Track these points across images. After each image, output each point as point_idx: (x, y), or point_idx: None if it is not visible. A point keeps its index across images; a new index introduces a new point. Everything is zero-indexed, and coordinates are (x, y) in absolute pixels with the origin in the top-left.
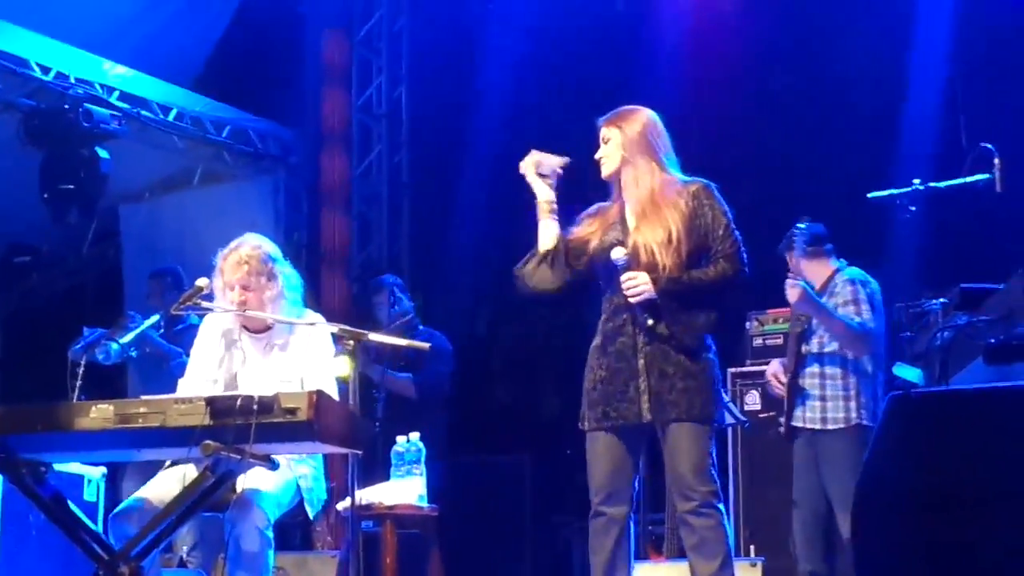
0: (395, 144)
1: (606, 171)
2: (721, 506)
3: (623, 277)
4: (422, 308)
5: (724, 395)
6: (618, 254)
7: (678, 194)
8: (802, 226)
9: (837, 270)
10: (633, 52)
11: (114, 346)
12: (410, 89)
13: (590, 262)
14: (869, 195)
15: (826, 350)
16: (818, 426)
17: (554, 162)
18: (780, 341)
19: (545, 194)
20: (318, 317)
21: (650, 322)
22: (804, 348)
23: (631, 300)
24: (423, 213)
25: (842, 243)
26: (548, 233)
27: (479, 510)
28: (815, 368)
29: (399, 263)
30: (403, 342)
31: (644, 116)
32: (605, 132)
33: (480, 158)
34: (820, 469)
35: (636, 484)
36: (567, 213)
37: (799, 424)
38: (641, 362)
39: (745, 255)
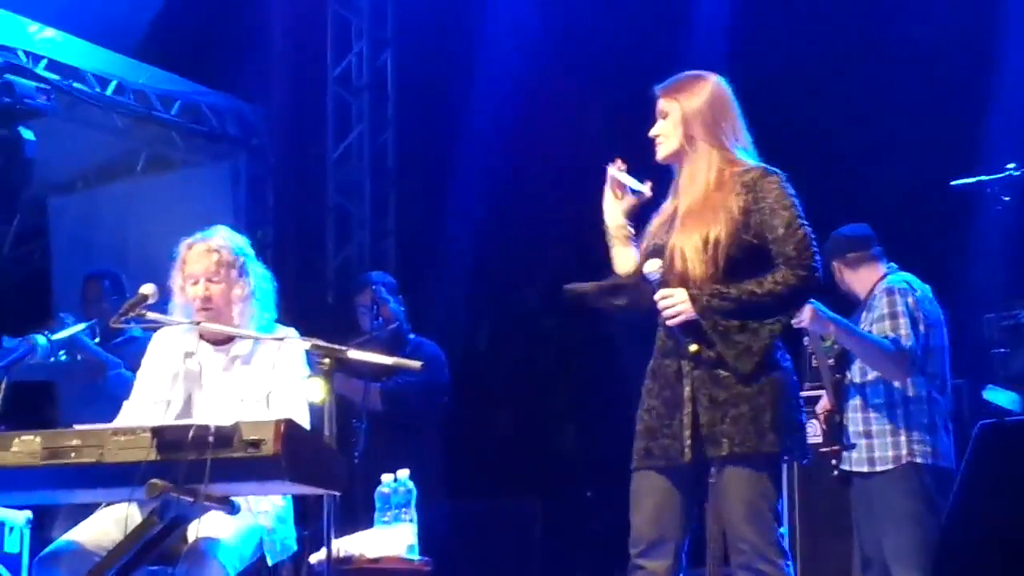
0: (379, 123)
1: (662, 153)
2: (784, 563)
3: (656, 296)
4: (412, 321)
5: (802, 418)
6: (651, 268)
7: (732, 186)
8: None
9: (884, 276)
10: (665, 23)
11: (41, 340)
12: (397, 56)
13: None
14: (952, 183)
15: (869, 377)
16: (866, 468)
17: (639, 187)
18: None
19: (614, 217)
20: (290, 331)
21: (692, 347)
22: (846, 377)
23: (667, 323)
24: (412, 205)
25: (920, 241)
26: (625, 258)
27: (480, 564)
28: (857, 400)
29: (384, 265)
30: (389, 360)
31: (709, 86)
32: (663, 104)
33: (480, 139)
34: (873, 519)
35: (685, 536)
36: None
37: (847, 467)
38: (687, 389)
39: (817, 256)
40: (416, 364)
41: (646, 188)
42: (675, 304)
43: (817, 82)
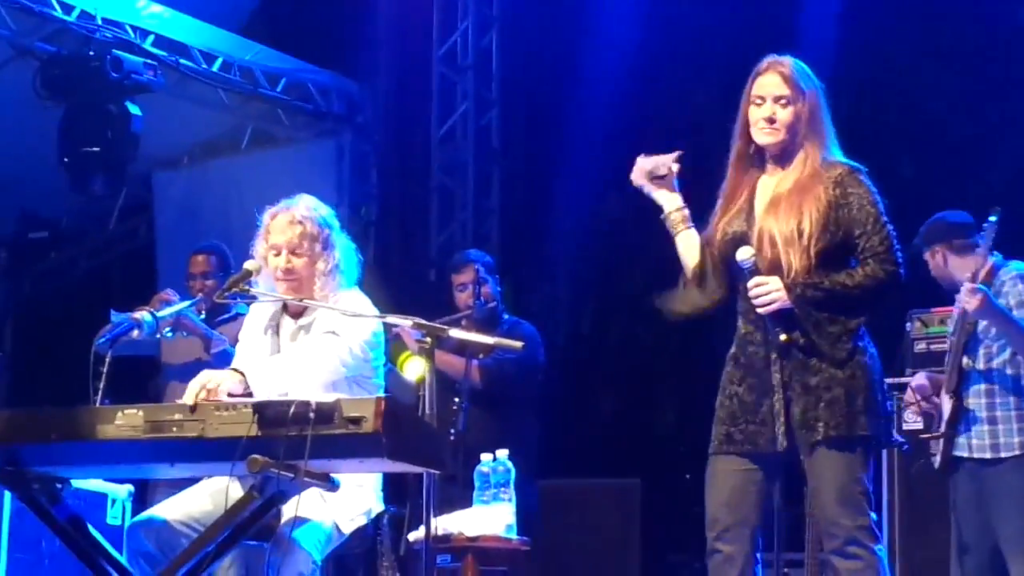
0: (483, 102)
1: (773, 139)
2: (878, 547)
3: (750, 284)
4: (513, 302)
5: (888, 405)
6: (744, 255)
7: (819, 180)
8: (993, 219)
9: (996, 266)
10: (775, 12)
11: (147, 317)
12: (502, 36)
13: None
14: None
15: (994, 363)
16: (988, 455)
17: (666, 160)
18: (947, 346)
19: (670, 202)
20: (361, 297)
21: (783, 336)
22: (966, 361)
23: (760, 311)
24: (516, 185)
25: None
26: (690, 249)
27: (579, 544)
28: (981, 386)
29: (486, 244)
30: (491, 340)
31: (818, 83)
32: (781, 90)
33: (586, 120)
34: (988, 506)
35: (762, 520)
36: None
37: (963, 453)
38: (777, 376)
39: (900, 253)
40: (517, 344)
41: (670, 158)
42: (770, 291)
43: (926, 73)
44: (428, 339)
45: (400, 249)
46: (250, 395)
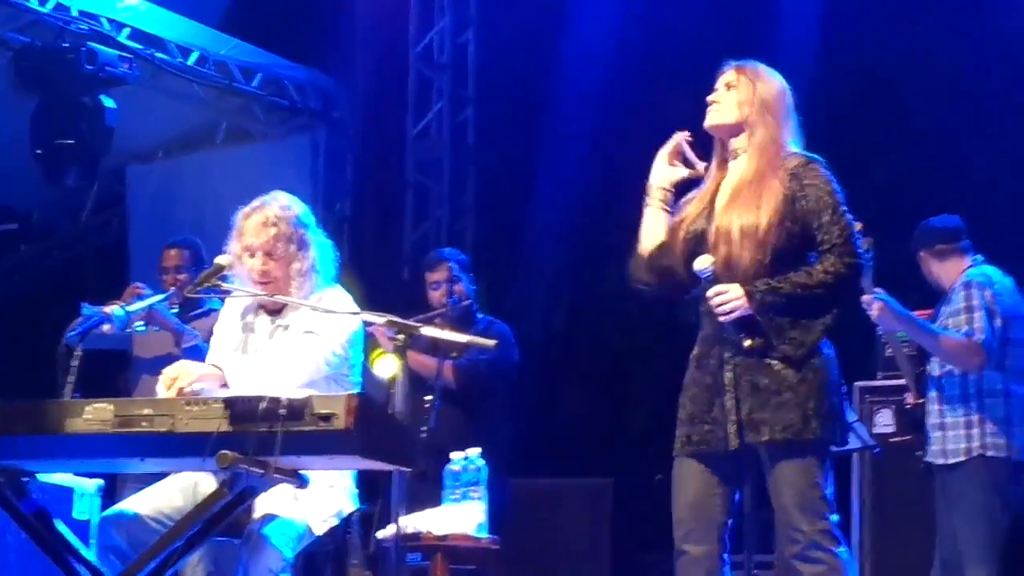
0: (459, 100)
1: (717, 120)
2: (840, 549)
3: (710, 293)
4: (488, 300)
5: (847, 407)
6: (703, 264)
7: (777, 173)
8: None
9: (968, 267)
10: (759, 7)
11: (118, 311)
12: (479, 33)
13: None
14: None
15: (946, 370)
16: (939, 460)
17: (698, 165)
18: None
19: (663, 178)
20: (342, 295)
21: (747, 343)
22: (927, 368)
23: (720, 320)
24: (492, 183)
25: (1003, 234)
26: (654, 228)
27: (549, 543)
28: (934, 393)
29: (461, 242)
30: (464, 338)
31: (781, 81)
32: (731, 77)
33: (563, 118)
34: (949, 511)
35: (728, 521)
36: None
37: (928, 459)
38: (728, 375)
39: (859, 242)
40: (490, 342)
41: (701, 166)
42: (730, 300)
43: (907, 73)
44: (401, 337)
45: (374, 246)
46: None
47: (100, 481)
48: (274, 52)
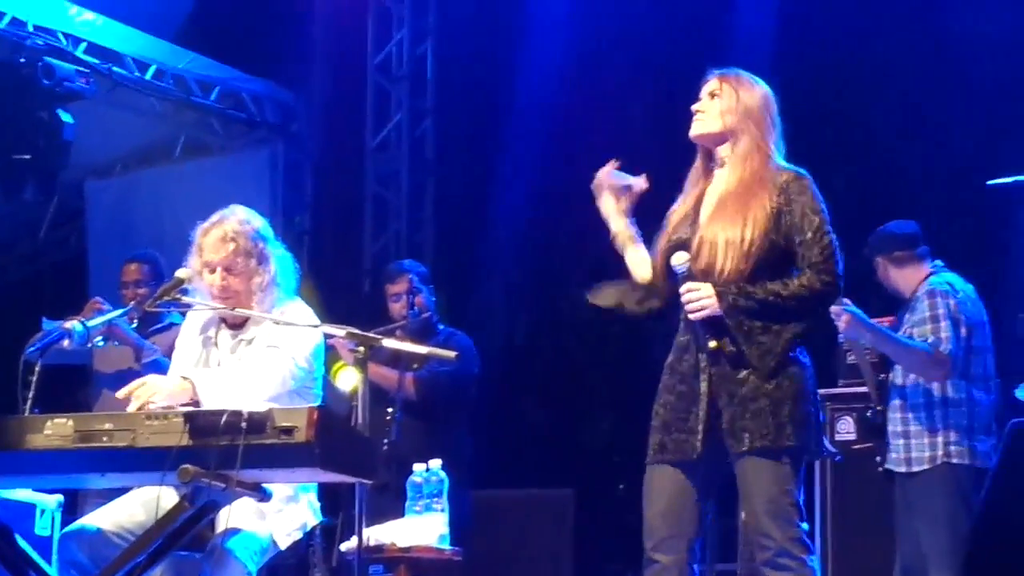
0: (418, 112)
1: (701, 130)
2: (810, 558)
3: (682, 289)
4: (447, 311)
5: (819, 415)
6: (679, 260)
7: (767, 186)
8: None
9: (927, 276)
10: (710, 15)
11: (78, 327)
12: (437, 46)
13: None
14: (989, 183)
15: (909, 378)
16: (903, 468)
17: (637, 181)
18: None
19: (618, 223)
20: (304, 308)
21: (712, 343)
22: (888, 377)
23: (690, 317)
24: (450, 195)
25: (957, 240)
26: (639, 264)
27: (511, 554)
28: (897, 401)
29: (420, 254)
30: (424, 349)
31: (766, 91)
32: (715, 86)
33: (521, 130)
34: (911, 517)
35: (700, 530)
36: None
37: (890, 467)
38: (704, 385)
39: (840, 264)
40: (451, 354)
41: (641, 180)
42: (700, 299)
43: (859, 81)
44: (361, 349)
45: (334, 259)
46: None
47: (61, 497)
48: (232, 65)
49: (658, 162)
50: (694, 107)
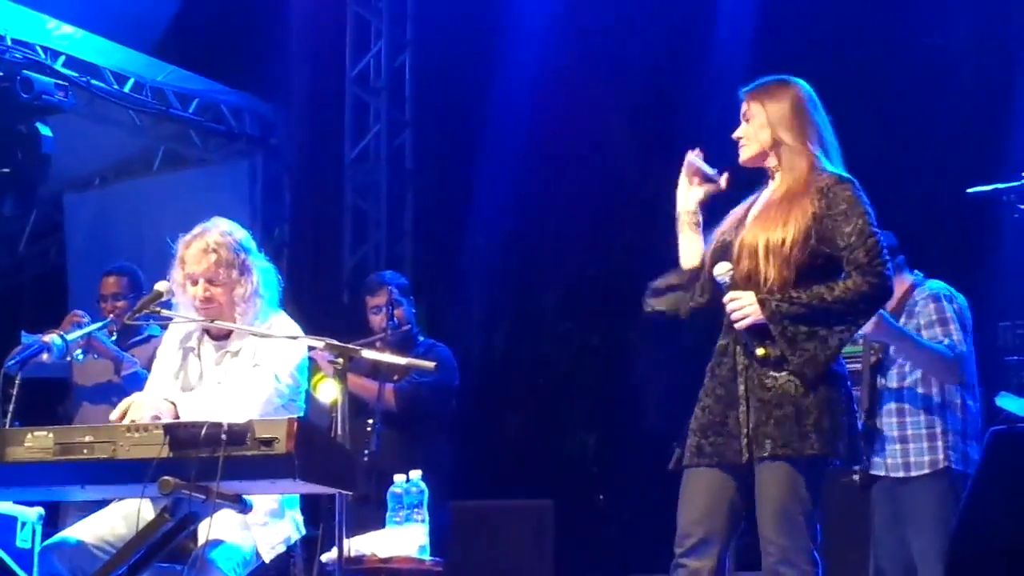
0: (396, 124)
1: (745, 155)
2: (810, 570)
3: (725, 299)
4: (427, 323)
5: (851, 424)
6: (721, 271)
7: (808, 191)
8: None
9: (915, 285)
10: (687, 26)
11: (57, 340)
12: (415, 57)
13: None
14: (969, 191)
15: (906, 383)
16: (900, 473)
17: (718, 179)
18: (859, 366)
19: (689, 202)
20: (289, 322)
21: (760, 351)
22: (880, 382)
23: (735, 326)
24: (430, 207)
25: (935, 249)
26: (690, 250)
27: (491, 565)
28: (893, 405)
29: (400, 266)
30: (403, 361)
31: (794, 91)
32: (745, 107)
33: (499, 142)
34: (903, 524)
35: (733, 537)
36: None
37: (879, 472)
38: (742, 388)
39: (888, 264)
40: (430, 364)
41: (722, 179)
42: (743, 307)
43: (838, 91)
44: (341, 360)
45: (313, 271)
46: None
47: (41, 509)
48: (210, 78)
49: (635, 172)
50: (736, 135)
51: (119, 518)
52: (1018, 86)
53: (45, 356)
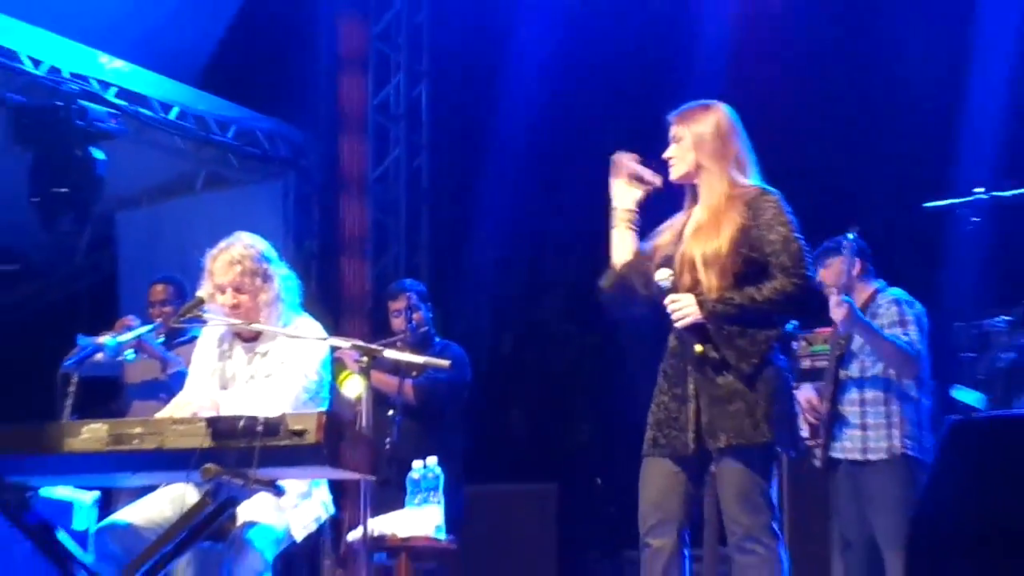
0: (414, 147)
1: (675, 174)
2: (773, 543)
3: (667, 300)
4: (442, 325)
5: (795, 412)
6: (662, 276)
7: (736, 205)
8: (851, 236)
9: (878, 290)
10: (673, 51)
11: (110, 341)
12: (431, 88)
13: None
14: (926, 205)
15: (867, 374)
16: (859, 457)
17: (653, 178)
18: (826, 363)
19: (626, 200)
20: (309, 322)
21: (698, 348)
22: (843, 373)
23: (676, 325)
24: (444, 221)
25: (896, 257)
26: (623, 246)
27: (501, 543)
28: (855, 394)
29: (417, 274)
30: (420, 359)
31: (716, 114)
32: (676, 130)
33: (506, 163)
34: (863, 503)
35: (688, 517)
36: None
37: (839, 455)
38: (691, 387)
39: (810, 267)
40: (445, 363)
41: (657, 179)
42: (683, 307)
43: (809, 111)
44: (365, 359)
45: (340, 279)
46: None
47: (96, 494)
48: (247, 106)
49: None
50: (665, 155)
51: (166, 502)
52: (968, 112)
53: (99, 356)
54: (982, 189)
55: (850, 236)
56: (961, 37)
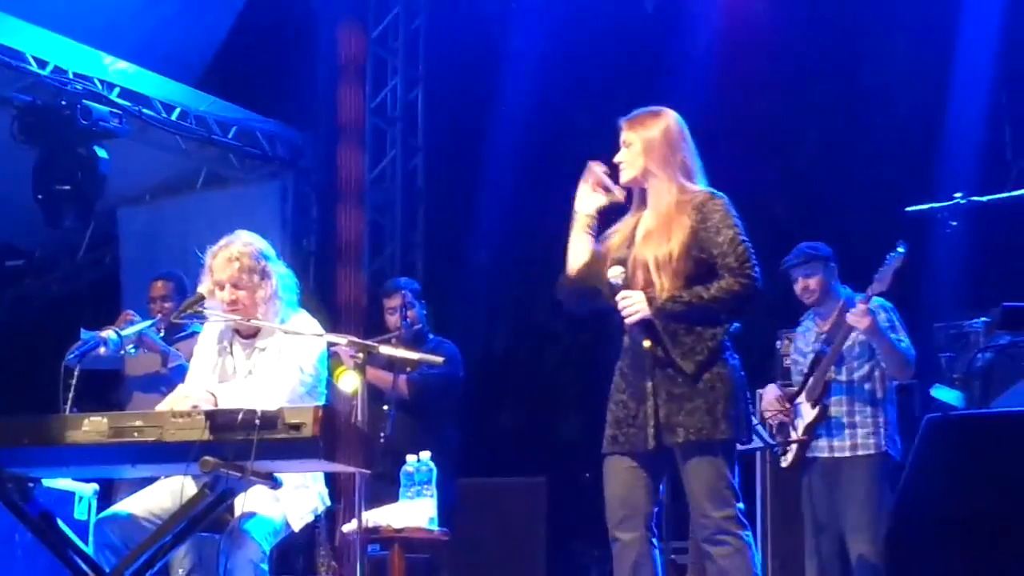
0: (410, 149)
1: (625, 177)
2: (744, 533)
3: (618, 297)
4: (436, 323)
5: (748, 409)
6: (614, 274)
7: (685, 209)
8: (901, 250)
9: (847, 300)
10: (662, 56)
11: (112, 335)
12: (426, 91)
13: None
14: (907, 209)
15: (855, 376)
16: (847, 454)
17: (618, 192)
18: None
19: (588, 206)
20: (309, 319)
21: (646, 343)
22: (831, 375)
23: (626, 321)
24: (438, 222)
25: (878, 261)
26: (580, 250)
27: (492, 534)
28: (843, 396)
29: (412, 273)
30: (415, 355)
31: (665, 120)
32: (626, 135)
33: (499, 165)
34: (837, 497)
35: (654, 510)
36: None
37: (821, 454)
38: (649, 385)
39: (756, 267)
40: (438, 359)
41: (622, 194)
42: (633, 304)
43: (792, 117)
44: (361, 355)
45: (337, 277)
46: None
47: (96, 485)
48: (247, 108)
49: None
50: (616, 160)
51: (165, 493)
52: (946, 121)
53: (102, 350)
54: (960, 194)
55: (900, 250)
56: (942, 44)
